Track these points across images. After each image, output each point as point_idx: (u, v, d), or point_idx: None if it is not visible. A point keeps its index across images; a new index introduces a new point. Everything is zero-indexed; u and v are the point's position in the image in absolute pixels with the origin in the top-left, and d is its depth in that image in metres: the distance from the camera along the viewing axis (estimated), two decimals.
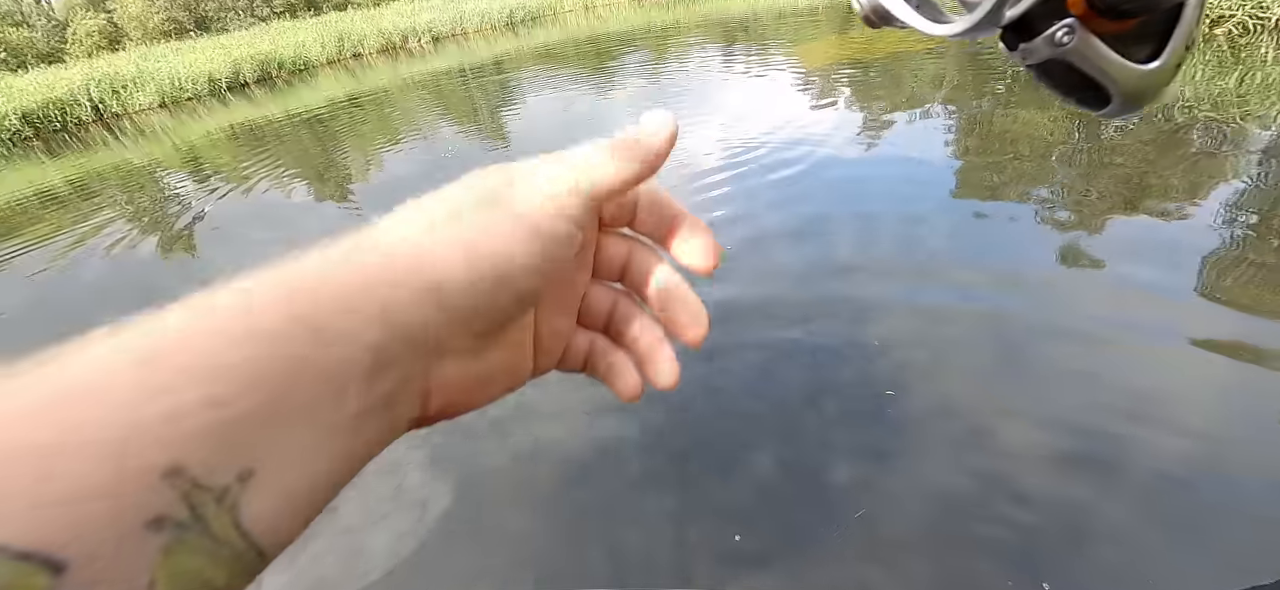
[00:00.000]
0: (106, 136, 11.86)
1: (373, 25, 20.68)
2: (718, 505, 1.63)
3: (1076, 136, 3.62)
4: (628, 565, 1.50)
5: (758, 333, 2.27)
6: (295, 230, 4.51)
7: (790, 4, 14.38)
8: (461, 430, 1.97)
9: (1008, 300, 2.25)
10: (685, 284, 0.25)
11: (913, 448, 1.71)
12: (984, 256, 2.59)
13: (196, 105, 14.19)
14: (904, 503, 1.55)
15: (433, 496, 1.78)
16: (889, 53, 6.94)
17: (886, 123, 4.51)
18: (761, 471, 1.70)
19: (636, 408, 1.98)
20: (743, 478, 1.69)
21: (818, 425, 1.84)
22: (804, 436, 1.81)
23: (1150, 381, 1.81)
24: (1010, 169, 3.36)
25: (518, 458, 1.89)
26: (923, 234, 2.81)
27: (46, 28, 29.83)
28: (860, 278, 2.51)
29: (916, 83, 5.55)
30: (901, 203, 3.18)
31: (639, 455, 1.81)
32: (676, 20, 14.91)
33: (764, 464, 1.72)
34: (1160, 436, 1.61)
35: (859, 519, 1.51)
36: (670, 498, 1.67)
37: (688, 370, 0.26)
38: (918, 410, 1.82)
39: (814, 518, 1.54)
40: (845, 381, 1.99)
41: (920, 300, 2.30)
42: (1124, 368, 1.86)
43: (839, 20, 10.63)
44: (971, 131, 4.07)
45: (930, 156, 3.76)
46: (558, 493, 1.76)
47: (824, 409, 1.89)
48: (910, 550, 1.44)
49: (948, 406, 1.83)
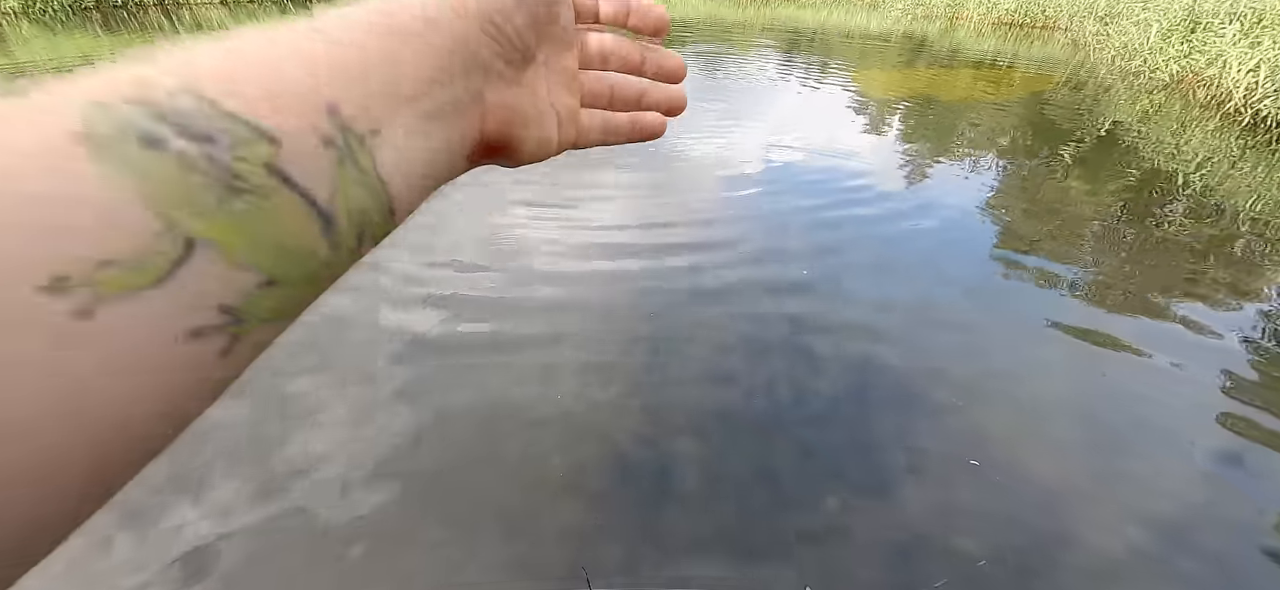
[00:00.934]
0: (163, 22, 12.06)
1: None
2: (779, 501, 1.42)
3: (1131, 216, 3.26)
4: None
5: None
6: None
7: (861, 26, 13.86)
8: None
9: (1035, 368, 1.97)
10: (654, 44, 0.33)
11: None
12: (1015, 319, 2.30)
13: (256, 7, 14.34)
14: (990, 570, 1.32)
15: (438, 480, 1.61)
16: (956, 98, 6.53)
17: (938, 164, 4.19)
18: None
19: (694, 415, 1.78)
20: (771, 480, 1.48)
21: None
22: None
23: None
24: (1052, 235, 3.04)
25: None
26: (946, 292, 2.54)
27: None
28: (874, 324, 2.25)
29: (976, 131, 5.17)
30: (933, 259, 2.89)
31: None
32: (745, 18, 14.50)
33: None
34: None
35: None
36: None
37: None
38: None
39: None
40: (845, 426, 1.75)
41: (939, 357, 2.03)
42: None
43: (909, 51, 10.15)
44: (1021, 190, 3.72)
45: (971, 207, 3.44)
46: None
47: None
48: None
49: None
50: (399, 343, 2.12)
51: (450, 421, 1.78)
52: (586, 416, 1.82)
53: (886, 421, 1.83)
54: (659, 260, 2.75)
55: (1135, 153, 4.64)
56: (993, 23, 14.82)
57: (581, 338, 2.19)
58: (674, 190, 3.62)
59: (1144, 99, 6.66)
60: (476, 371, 1.98)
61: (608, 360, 2.07)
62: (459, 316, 2.28)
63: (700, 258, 2.77)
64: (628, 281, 2.59)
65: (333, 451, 1.66)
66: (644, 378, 2.00)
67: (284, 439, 1.69)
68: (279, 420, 1.76)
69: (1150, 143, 4.92)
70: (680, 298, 2.47)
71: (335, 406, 1.83)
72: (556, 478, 1.61)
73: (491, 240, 2.89)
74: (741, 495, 1.58)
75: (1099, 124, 5.40)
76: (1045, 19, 14.11)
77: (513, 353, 2.09)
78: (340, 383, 1.92)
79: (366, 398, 1.87)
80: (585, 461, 1.66)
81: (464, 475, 1.61)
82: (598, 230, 3.03)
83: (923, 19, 15.65)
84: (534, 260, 2.72)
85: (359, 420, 1.78)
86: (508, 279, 2.56)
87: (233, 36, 0.18)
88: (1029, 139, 5.04)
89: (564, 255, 2.78)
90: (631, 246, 2.88)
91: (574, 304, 2.40)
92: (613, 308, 2.40)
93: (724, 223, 3.21)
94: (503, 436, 1.73)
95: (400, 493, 1.54)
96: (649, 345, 2.16)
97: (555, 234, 2.97)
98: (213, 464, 1.60)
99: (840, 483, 1.62)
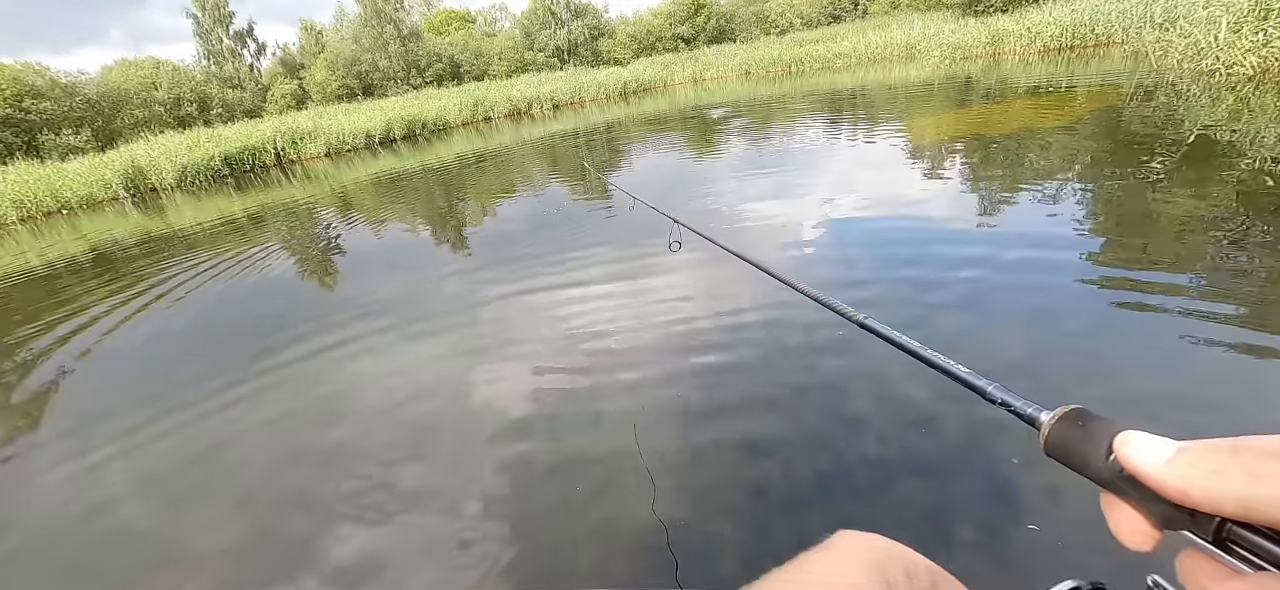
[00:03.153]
0: (281, 177, 14.10)
1: (503, 93, 23.17)
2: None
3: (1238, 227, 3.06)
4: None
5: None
6: (411, 264, 4.98)
7: (901, 78, 14.08)
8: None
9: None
10: None
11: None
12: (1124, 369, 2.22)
13: (353, 155, 16.51)
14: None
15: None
16: (1016, 128, 6.48)
17: (1008, 200, 4.15)
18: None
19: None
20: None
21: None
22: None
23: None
24: (1167, 250, 2.90)
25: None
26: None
27: (254, 90, 36.79)
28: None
29: (1049, 156, 5.09)
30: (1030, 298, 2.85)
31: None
32: (783, 92, 15.11)
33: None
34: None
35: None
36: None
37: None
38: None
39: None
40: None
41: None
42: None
43: (956, 93, 10.18)
44: (1118, 209, 3.60)
45: (1061, 235, 3.36)
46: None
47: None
48: None
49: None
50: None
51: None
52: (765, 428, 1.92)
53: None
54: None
55: (1237, 151, 4.38)
56: (1039, 51, 14.64)
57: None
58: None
59: (1228, 96, 6.32)
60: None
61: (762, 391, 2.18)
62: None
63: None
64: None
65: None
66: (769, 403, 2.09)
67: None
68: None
69: (1251, 139, 4.65)
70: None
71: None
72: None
73: (563, 325, 3.14)
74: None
75: (1185, 130, 5.17)
76: (1096, 37, 13.82)
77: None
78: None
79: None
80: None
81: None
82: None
83: (963, 61, 15.70)
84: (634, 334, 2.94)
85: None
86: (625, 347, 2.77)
87: None
88: (1111, 156, 4.89)
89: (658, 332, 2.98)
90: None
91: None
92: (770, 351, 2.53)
93: (791, 270, 3.33)
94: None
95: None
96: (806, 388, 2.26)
97: (636, 314, 3.19)
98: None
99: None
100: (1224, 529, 0.24)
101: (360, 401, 2.74)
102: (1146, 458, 0.25)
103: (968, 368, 0.45)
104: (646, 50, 37.34)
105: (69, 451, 2.74)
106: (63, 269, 7.09)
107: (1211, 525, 0.24)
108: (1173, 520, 0.25)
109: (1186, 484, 0.24)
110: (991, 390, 0.42)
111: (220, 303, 4.83)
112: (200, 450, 2.56)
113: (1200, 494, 0.23)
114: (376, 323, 3.63)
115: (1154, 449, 0.25)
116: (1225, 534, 0.24)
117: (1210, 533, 0.24)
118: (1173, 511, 0.25)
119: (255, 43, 38.43)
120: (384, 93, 33.86)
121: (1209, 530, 0.24)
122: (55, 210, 13.32)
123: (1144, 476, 0.25)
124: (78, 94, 27.37)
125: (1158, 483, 0.25)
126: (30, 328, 4.81)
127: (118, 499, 2.32)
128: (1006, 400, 0.40)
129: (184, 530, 2.10)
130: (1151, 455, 0.25)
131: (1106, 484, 0.28)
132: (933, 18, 22.41)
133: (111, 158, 15.67)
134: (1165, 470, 0.24)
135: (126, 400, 3.19)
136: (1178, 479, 0.24)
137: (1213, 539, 0.24)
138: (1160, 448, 0.25)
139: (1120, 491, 0.27)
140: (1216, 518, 0.24)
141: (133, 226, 9.72)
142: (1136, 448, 0.26)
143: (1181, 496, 0.24)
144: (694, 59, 28.35)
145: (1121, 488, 0.27)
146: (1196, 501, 0.24)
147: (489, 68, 36.97)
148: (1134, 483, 0.26)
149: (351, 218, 7.76)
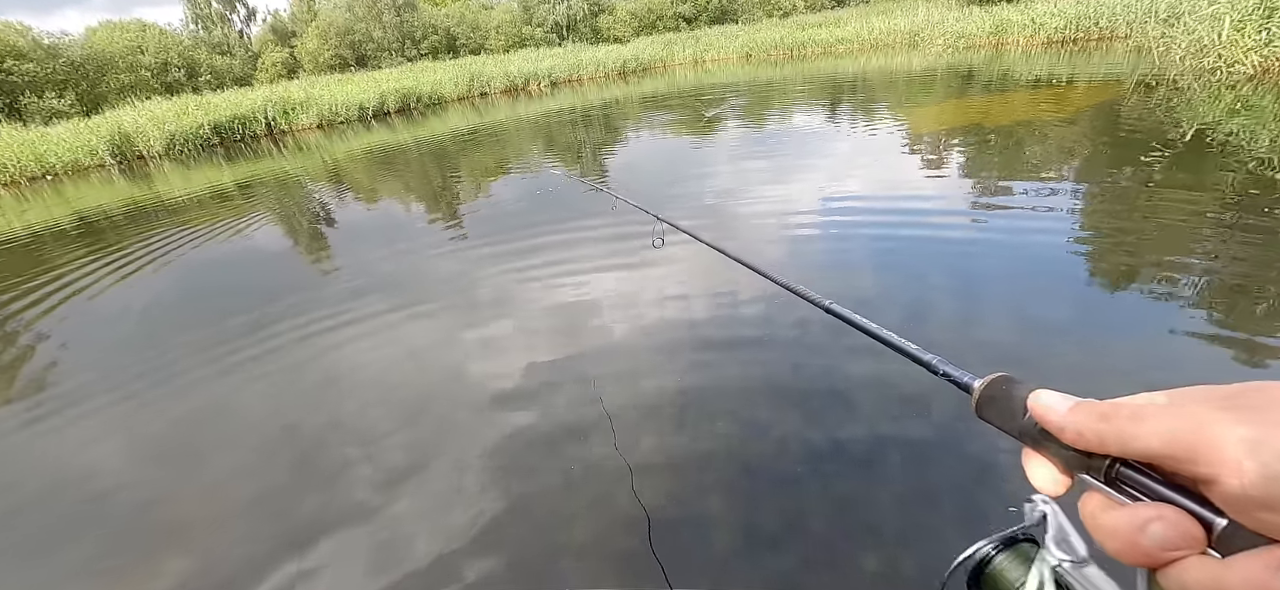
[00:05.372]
0: (272, 148, 13.86)
1: (501, 68, 22.76)
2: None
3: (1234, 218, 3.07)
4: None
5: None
6: (403, 239, 4.92)
7: (903, 66, 13.95)
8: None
9: None
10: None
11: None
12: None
13: (345, 128, 16.23)
14: None
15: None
16: (1019, 119, 6.44)
17: (1006, 190, 4.13)
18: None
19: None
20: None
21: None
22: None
23: None
24: (1159, 247, 2.90)
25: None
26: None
27: (243, 57, 36.00)
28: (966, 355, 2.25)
29: (1043, 149, 5.07)
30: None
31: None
32: (783, 76, 14.95)
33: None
34: None
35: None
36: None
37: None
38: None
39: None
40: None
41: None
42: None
43: (957, 84, 10.10)
44: (1113, 204, 3.60)
45: (1057, 229, 3.36)
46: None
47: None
48: None
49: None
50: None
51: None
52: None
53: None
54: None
55: (1234, 150, 4.38)
56: (1042, 43, 14.54)
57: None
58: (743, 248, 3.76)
59: (1227, 95, 6.31)
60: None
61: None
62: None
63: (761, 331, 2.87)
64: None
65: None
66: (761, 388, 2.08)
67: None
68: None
69: (1248, 137, 4.64)
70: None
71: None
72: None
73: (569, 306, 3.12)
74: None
75: (1183, 127, 5.15)
76: (1099, 31, 13.72)
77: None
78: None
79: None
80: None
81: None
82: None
83: (965, 50, 15.58)
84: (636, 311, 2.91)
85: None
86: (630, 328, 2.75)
87: None
88: (1109, 151, 4.88)
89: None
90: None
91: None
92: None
93: (794, 267, 3.31)
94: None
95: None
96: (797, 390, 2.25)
97: (635, 289, 3.16)
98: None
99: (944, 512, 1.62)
100: (1114, 470, 0.28)
101: (340, 381, 2.71)
102: (1050, 408, 0.30)
103: (917, 345, 0.51)
104: (647, 29, 36.79)
105: (53, 419, 2.70)
106: (47, 236, 6.96)
107: (1103, 466, 0.28)
108: (1074, 463, 0.29)
109: (1081, 426, 0.28)
110: (935, 362, 0.47)
111: (206, 273, 4.76)
112: (180, 426, 2.53)
113: (1091, 435, 0.28)
114: (363, 301, 3.58)
115: (1058, 401, 0.30)
116: (1115, 474, 0.28)
117: (1102, 473, 0.28)
118: (1074, 455, 0.29)
119: (245, 8, 37.56)
120: (378, 64, 33.26)
121: (1101, 471, 0.28)
122: (40, 176, 13.06)
123: (1049, 424, 0.30)
124: (61, 56, 26.69)
125: (1058, 428, 0.30)
126: (11, 294, 4.72)
127: (102, 468, 2.29)
128: (946, 371, 0.44)
129: (170, 502, 2.08)
130: (1056, 406, 0.30)
131: (1023, 437, 0.33)
132: (937, 5, 22.18)
133: (97, 123, 15.29)
134: (1066, 417, 0.29)
135: (114, 370, 3.14)
136: (1074, 423, 0.29)
137: (1104, 478, 0.28)
138: (1063, 401, 0.30)
139: (1035, 443, 0.32)
140: (1107, 459, 0.28)
141: (119, 194, 9.55)
142: (1045, 401, 0.31)
143: (1077, 438, 0.28)
144: (695, 39, 27.95)
145: (1036, 440, 0.32)
146: (1089, 442, 0.28)
147: (486, 41, 36.33)
148: (1045, 434, 0.31)
149: (342, 190, 7.65)
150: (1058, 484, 0.31)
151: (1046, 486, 0.31)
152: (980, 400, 0.36)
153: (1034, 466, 0.32)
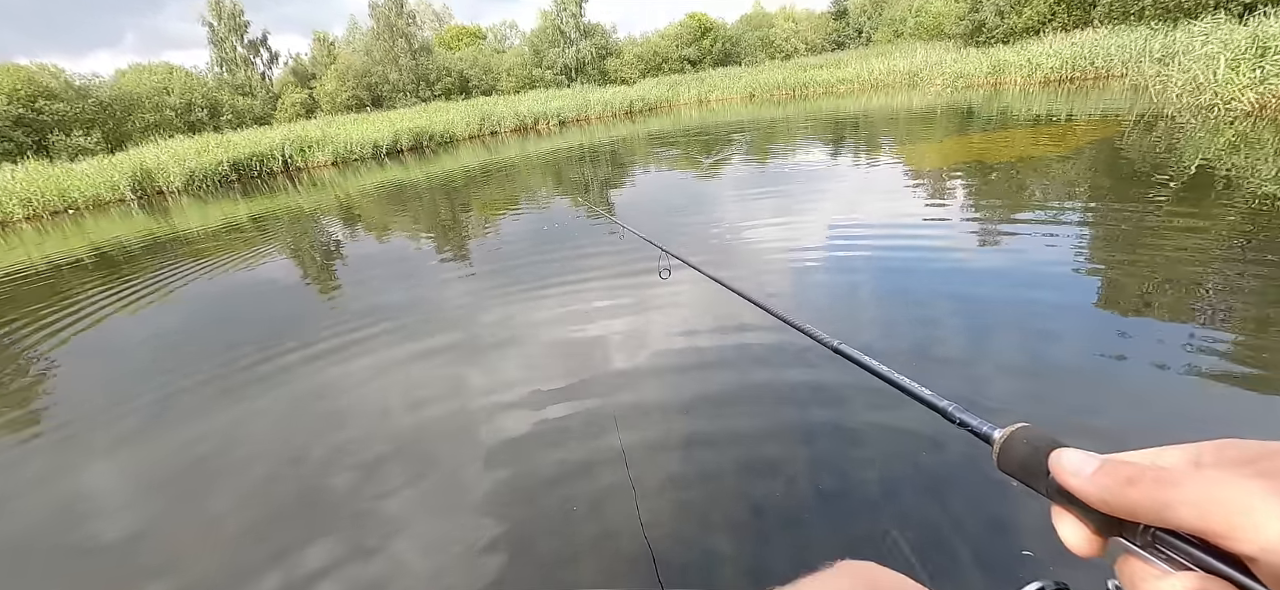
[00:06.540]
0: (288, 184, 14.20)
1: (511, 108, 23.40)
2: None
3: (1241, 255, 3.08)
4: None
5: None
6: (413, 272, 5.00)
7: (903, 105, 14.23)
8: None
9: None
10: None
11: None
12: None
13: (360, 165, 16.65)
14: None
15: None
16: (1015, 156, 6.54)
17: (1006, 228, 4.17)
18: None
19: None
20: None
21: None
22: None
23: None
24: (1168, 285, 2.91)
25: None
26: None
27: (265, 98, 37.29)
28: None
29: (1047, 184, 5.13)
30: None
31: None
32: (786, 115, 15.26)
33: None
34: None
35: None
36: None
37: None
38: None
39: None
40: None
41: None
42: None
43: (957, 121, 10.28)
44: (1118, 241, 3.62)
45: (1063, 265, 3.38)
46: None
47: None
48: None
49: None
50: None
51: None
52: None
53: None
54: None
55: (1236, 185, 4.41)
56: (1039, 82, 14.81)
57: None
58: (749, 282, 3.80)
59: (1226, 130, 6.39)
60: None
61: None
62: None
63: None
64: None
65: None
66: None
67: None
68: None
69: (1249, 171, 4.69)
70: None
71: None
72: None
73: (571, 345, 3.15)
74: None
75: (1186, 162, 5.21)
76: (1095, 70, 13.99)
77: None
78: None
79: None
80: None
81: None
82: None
83: (964, 89, 15.88)
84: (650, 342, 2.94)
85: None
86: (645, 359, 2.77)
87: None
88: (1110, 186, 4.93)
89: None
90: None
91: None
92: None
93: (797, 302, 3.34)
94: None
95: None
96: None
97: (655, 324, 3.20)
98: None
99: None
100: (1150, 534, 0.25)
101: (351, 409, 2.74)
102: (1073, 472, 0.27)
103: (932, 391, 0.48)
104: (653, 71, 37.79)
105: (65, 447, 2.73)
106: (66, 267, 7.13)
107: (1139, 531, 0.25)
108: (1107, 527, 0.27)
109: (1106, 494, 0.26)
110: (952, 410, 0.44)
111: (219, 306, 4.85)
112: (192, 454, 2.55)
113: (1119, 504, 0.25)
114: (371, 334, 3.63)
115: (1080, 463, 0.27)
116: (1152, 538, 0.25)
117: (1138, 538, 0.25)
118: (1105, 519, 0.26)
119: (268, 52, 38.99)
120: (393, 104, 34.25)
121: (1138, 535, 0.25)
122: (61, 210, 13.41)
123: (1073, 490, 0.27)
124: (90, 96, 27.71)
125: (1083, 495, 0.27)
126: (29, 324, 4.82)
127: (109, 496, 2.31)
128: (964, 420, 0.41)
129: (175, 529, 2.09)
130: (1078, 469, 0.27)
131: (1049, 497, 0.30)
132: (935, 47, 22.71)
133: (119, 160, 15.80)
134: (1089, 483, 0.26)
135: (124, 399, 3.19)
136: (1098, 490, 0.26)
137: (1141, 544, 0.26)
138: (1086, 462, 0.27)
139: (1061, 503, 0.29)
140: (1141, 523, 0.25)
141: (137, 227, 9.78)
142: (1066, 463, 0.28)
143: (1103, 505, 0.26)
144: (700, 81, 28.68)
145: (1061, 500, 0.29)
146: (1115, 510, 0.25)
147: (497, 83, 37.41)
148: (1070, 496, 0.28)
149: (354, 225, 7.81)
150: (1090, 544, 0.28)
151: (1078, 547, 0.28)
152: (1001, 453, 0.34)
153: (1064, 526, 0.29)
